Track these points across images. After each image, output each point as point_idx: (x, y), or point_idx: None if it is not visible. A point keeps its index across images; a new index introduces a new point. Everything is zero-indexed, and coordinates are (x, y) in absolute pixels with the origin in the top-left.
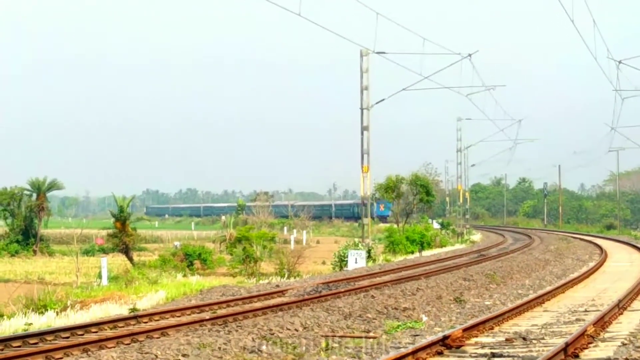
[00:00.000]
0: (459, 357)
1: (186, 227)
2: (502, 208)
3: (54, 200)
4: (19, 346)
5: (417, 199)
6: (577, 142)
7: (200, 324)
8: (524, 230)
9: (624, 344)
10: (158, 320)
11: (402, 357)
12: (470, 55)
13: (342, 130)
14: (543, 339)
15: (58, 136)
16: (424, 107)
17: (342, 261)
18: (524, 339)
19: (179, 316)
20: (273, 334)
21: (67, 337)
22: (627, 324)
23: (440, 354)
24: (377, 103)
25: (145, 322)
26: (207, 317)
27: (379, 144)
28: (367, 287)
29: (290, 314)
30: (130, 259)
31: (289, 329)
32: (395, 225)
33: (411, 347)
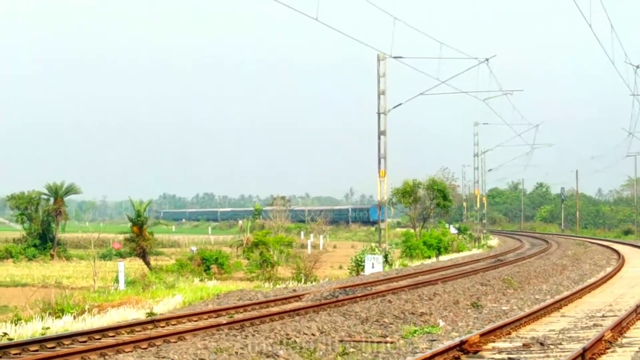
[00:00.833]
0: None
1: (203, 232)
2: (520, 213)
3: (71, 205)
4: (36, 350)
5: (434, 203)
6: (595, 147)
7: (217, 328)
8: (541, 235)
9: None
10: (175, 324)
11: None
12: (487, 59)
13: (359, 135)
14: (560, 344)
15: (76, 141)
16: (441, 112)
17: (359, 266)
18: (542, 344)
19: (196, 320)
20: (290, 338)
21: (85, 342)
22: None
23: (457, 359)
24: (394, 108)
25: (162, 327)
26: (224, 322)
27: (396, 149)
28: (384, 292)
29: (307, 318)
30: (148, 264)
31: (306, 334)
32: (412, 230)
33: (428, 352)
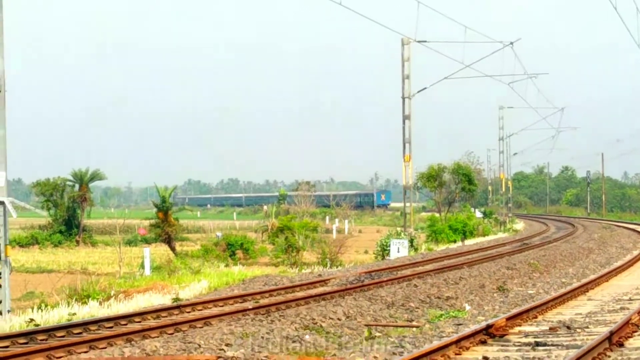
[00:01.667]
0: (502, 346)
1: (228, 217)
2: (545, 197)
3: (96, 191)
4: (63, 336)
5: (459, 187)
6: (621, 129)
7: (243, 313)
8: (567, 219)
9: None
10: (201, 310)
11: (445, 346)
12: (512, 43)
13: (385, 120)
14: (587, 327)
15: (101, 127)
16: (466, 96)
17: (384, 250)
18: (568, 327)
19: (222, 306)
20: (316, 323)
21: (111, 327)
22: None
23: (484, 342)
24: (418, 92)
25: (188, 312)
26: (250, 307)
27: (421, 133)
28: (410, 276)
29: (333, 303)
30: (173, 249)
31: (332, 319)
32: (437, 214)
33: (455, 336)
